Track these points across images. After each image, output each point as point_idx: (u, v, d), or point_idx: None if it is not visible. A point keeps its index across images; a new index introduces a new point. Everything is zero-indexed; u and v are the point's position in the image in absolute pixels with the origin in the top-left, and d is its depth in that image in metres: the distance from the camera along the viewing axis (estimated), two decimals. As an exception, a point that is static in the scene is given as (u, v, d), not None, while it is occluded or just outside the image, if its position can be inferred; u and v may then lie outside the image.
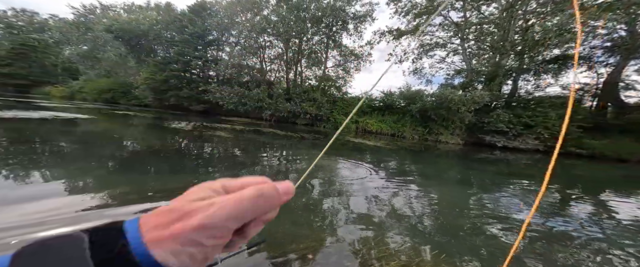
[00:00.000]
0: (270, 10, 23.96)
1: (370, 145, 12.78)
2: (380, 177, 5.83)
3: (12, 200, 2.80)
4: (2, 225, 2.19)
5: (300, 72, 25.36)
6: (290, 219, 3.08)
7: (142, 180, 4.02)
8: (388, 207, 3.89)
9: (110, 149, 6.05)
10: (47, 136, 6.87)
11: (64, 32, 35.20)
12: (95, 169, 4.35)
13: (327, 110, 21.57)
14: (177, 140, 8.16)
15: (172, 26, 26.63)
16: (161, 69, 26.15)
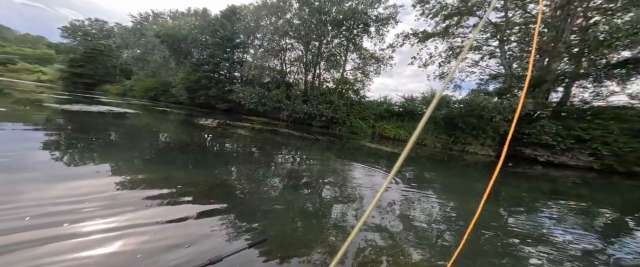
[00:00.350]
0: (293, 13, 23.68)
1: (387, 151, 11.69)
2: (396, 185, 5.28)
3: (63, 177, 3.25)
4: (51, 198, 2.57)
5: (318, 74, 24.64)
6: (297, 221, 2.95)
7: (170, 171, 4.17)
8: (403, 218, 3.51)
9: (148, 142, 6.51)
10: (102, 127, 7.63)
11: (124, 38, 39.66)
12: (134, 158, 4.72)
13: (343, 113, 20.47)
14: (203, 136, 8.47)
15: (206, 30, 28.14)
16: (195, 70, 27.75)
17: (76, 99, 15.99)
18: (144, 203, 2.79)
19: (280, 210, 3.15)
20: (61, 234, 2.04)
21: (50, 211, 2.35)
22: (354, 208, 3.62)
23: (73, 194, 2.79)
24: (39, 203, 2.47)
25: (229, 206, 3.03)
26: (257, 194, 3.58)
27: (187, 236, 2.23)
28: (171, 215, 2.58)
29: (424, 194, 4.83)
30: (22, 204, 2.40)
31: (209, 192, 3.37)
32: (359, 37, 22.57)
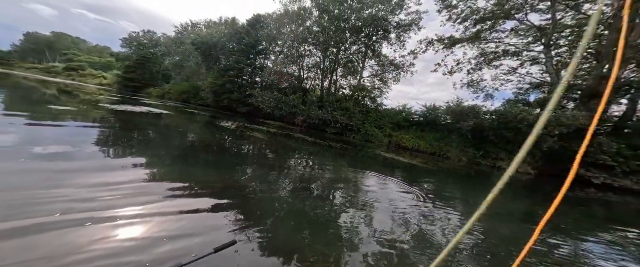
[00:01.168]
0: (312, 21, 22.16)
1: (404, 162, 10.22)
2: (412, 198, 4.64)
3: (105, 168, 3.47)
4: (93, 185, 2.74)
5: (335, 81, 22.76)
6: (303, 230, 2.67)
7: (192, 169, 4.16)
8: (418, 235, 3.03)
9: (177, 140, 6.63)
10: (142, 125, 8.11)
11: (167, 47, 42.11)
12: (164, 156, 4.81)
13: (358, 121, 18.55)
14: (223, 137, 8.46)
15: (234, 38, 28.04)
16: (222, 75, 27.78)
17: (125, 101, 16.91)
18: (166, 196, 2.83)
19: (286, 216, 2.89)
20: (97, 216, 2.17)
21: (91, 196, 2.51)
22: (365, 220, 3.21)
23: (111, 182, 2.96)
24: (83, 188, 2.69)
25: (238, 207, 2.89)
26: (267, 198, 3.34)
27: (197, 229, 2.26)
28: (188, 207, 2.60)
29: (449, 212, 4.13)
30: (70, 190, 2.58)
31: (223, 191, 3.28)
32: (379, 43, 20.45)
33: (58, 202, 2.28)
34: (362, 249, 2.39)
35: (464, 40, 16.87)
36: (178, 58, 38.03)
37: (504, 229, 3.60)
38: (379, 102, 19.70)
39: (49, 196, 2.34)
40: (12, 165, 2.94)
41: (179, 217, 2.39)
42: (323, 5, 20.31)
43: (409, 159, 11.52)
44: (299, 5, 23.43)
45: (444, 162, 13.05)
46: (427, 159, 12.94)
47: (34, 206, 2.13)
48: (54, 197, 2.35)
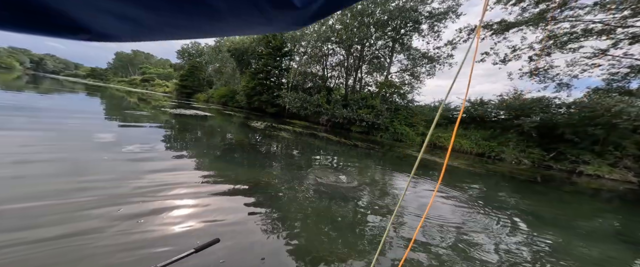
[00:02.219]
0: (335, 19, 19.70)
1: (441, 163, 8.47)
2: (452, 203, 3.72)
3: (162, 162, 3.69)
4: (153, 178, 2.95)
5: (359, 78, 19.70)
6: (316, 228, 2.34)
7: (227, 166, 4.05)
8: (458, 244, 2.39)
9: (215, 140, 6.72)
10: (191, 126, 8.53)
11: (209, 55, 44.84)
12: (204, 154, 4.83)
13: (386, 118, 15.79)
14: (253, 136, 8.44)
15: (261, 42, 27.17)
16: (252, 78, 27.27)
17: (180, 105, 18.01)
18: (205, 190, 2.80)
19: (309, 216, 2.57)
20: (156, 205, 2.31)
21: (152, 188, 2.66)
22: (388, 222, 2.66)
23: (169, 172, 3.21)
24: (152, 174, 3.04)
25: (263, 205, 2.67)
26: (290, 197, 3.04)
27: (226, 220, 2.22)
28: (222, 204, 2.53)
29: (503, 220, 3.24)
30: (141, 180, 2.82)
31: (252, 189, 3.10)
32: (408, 36, 16.99)
33: (142, 183, 2.73)
34: (389, 255, 2.04)
35: (520, 23, 12.42)
36: (217, 64, 39.57)
37: (587, 249, 2.69)
38: (410, 98, 16.49)
39: (136, 178, 2.85)
40: (115, 156, 3.62)
41: (212, 207, 2.40)
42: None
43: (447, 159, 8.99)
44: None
45: (496, 164, 9.79)
46: (472, 161, 9.87)
47: (127, 186, 2.58)
48: (124, 186, 2.64)
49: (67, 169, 2.78)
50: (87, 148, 3.72)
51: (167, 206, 2.31)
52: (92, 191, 2.36)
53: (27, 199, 2.06)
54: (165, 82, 59.92)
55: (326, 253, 1.93)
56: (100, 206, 2.11)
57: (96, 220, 1.91)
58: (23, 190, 2.20)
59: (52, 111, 6.72)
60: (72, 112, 7.16)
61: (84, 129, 5.09)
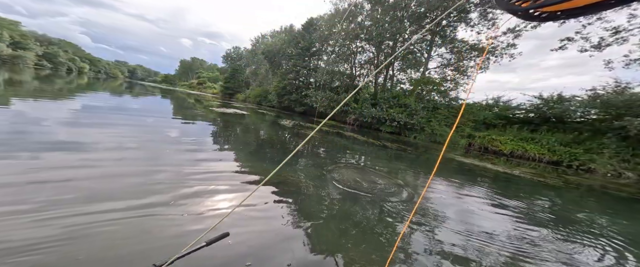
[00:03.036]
0: (364, 15, 17.27)
1: (494, 170, 6.64)
2: (511, 216, 2.94)
3: (205, 155, 3.89)
4: (200, 168, 3.12)
5: (391, 75, 17.21)
6: (338, 230, 2.11)
7: (258, 162, 4.06)
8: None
9: (250, 137, 6.84)
10: (231, 124, 8.83)
11: (247, 58, 47.15)
12: (240, 149, 4.97)
13: (421, 118, 13.41)
14: (282, 134, 8.35)
15: (291, 43, 26.26)
16: (283, 79, 26.60)
17: (223, 105, 18.65)
18: (236, 184, 2.82)
19: (332, 217, 2.33)
20: (197, 190, 2.41)
21: (199, 174, 2.90)
22: (421, 232, 2.26)
23: (211, 165, 3.31)
24: (195, 165, 3.19)
25: (287, 203, 2.53)
26: (312, 195, 2.82)
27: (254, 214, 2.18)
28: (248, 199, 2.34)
29: (601, 250, 2.21)
30: (192, 167, 3.10)
31: (278, 185, 2.96)
32: (452, 27, 14.01)
33: (192, 169, 3.03)
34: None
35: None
36: (254, 67, 41.11)
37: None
38: (453, 95, 13.69)
39: (189, 165, 3.16)
40: (177, 146, 4.05)
41: (238, 196, 2.45)
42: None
43: (503, 166, 7.44)
44: (350, 2, 19.29)
45: (580, 175, 7.24)
46: (541, 170, 7.40)
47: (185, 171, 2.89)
48: (190, 167, 3.09)
49: (145, 156, 3.26)
50: (159, 140, 4.33)
51: (207, 190, 2.46)
52: (161, 174, 2.72)
53: (123, 175, 2.53)
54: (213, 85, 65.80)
55: (339, 255, 1.75)
56: (166, 183, 2.45)
57: (163, 195, 2.21)
58: (119, 169, 2.68)
59: (138, 111, 7.95)
60: (151, 111, 8.38)
61: (158, 125, 5.97)
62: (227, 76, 47.21)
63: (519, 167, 7.69)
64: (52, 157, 2.66)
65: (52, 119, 4.45)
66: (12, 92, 7.66)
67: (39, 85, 11.12)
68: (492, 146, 10.31)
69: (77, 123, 4.56)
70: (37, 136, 3.31)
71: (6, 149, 2.69)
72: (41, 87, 10.69)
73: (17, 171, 2.23)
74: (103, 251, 1.42)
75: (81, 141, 3.42)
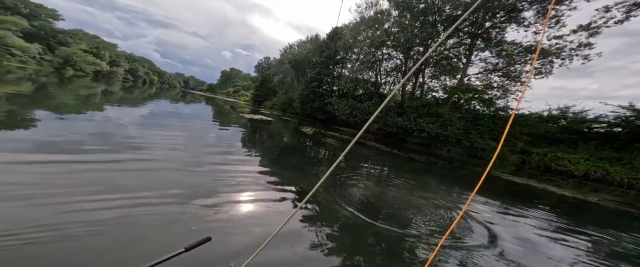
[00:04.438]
0: (391, 22, 16.13)
1: (562, 195, 5.19)
2: (586, 248, 2.37)
3: (232, 157, 4.05)
4: (225, 170, 3.28)
5: (421, 83, 15.79)
6: (354, 247, 1.89)
7: (280, 169, 4.02)
8: None
9: (272, 142, 6.87)
10: (258, 129, 9.15)
11: (275, 67, 49.75)
12: (263, 154, 5.00)
13: (457, 129, 11.57)
14: (303, 141, 8.31)
15: (316, 52, 26.18)
16: (307, 87, 27.22)
17: (252, 111, 19.11)
18: (260, 189, 2.82)
19: (340, 232, 2.11)
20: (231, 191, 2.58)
21: (229, 173, 3.19)
22: (459, 257, 1.85)
23: (239, 167, 3.54)
24: (226, 165, 3.50)
25: (307, 212, 2.42)
26: (325, 207, 2.63)
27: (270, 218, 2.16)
28: (273, 205, 2.45)
29: None
30: (224, 166, 3.43)
31: (293, 191, 2.92)
32: (498, 29, 12.05)
33: (224, 168, 3.35)
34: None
35: None
36: (281, 75, 43.09)
37: None
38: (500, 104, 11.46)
39: (221, 164, 3.52)
40: (213, 149, 4.39)
41: (264, 205, 2.41)
42: (404, 3, 14.59)
43: (573, 190, 5.96)
44: (376, 9, 18.60)
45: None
46: (632, 198, 5.54)
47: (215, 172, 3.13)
48: (223, 166, 3.45)
49: (190, 155, 3.64)
50: (200, 143, 4.76)
51: (232, 189, 2.63)
52: (201, 167, 3.18)
53: (173, 169, 2.89)
54: (246, 93, 71.40)
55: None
56: (199, 184, 2.63)
57: (201, 188, 2.47)
58: (172, 164, 3.08)
59: (187, 115, 8.83)
60: (196, 116, 9.26)
61: (201, 128, 6.57)
62: (257, 85, 50.33)
63: (598, 193, 5.96)
64: (122, 152, 3.22)
65: (127, 121, 5.37)
66: (105, 100, 9.42)
67: (123, 95, 13.30)
68: (556, 165, 8.06)
69: (144, 124, 5.49)
70: (117, 135, 4.02)
71: (93, 143, 3.34)
72: (124, 95, 12.84)
73: (99, 159, 2.78)
74: (128, 234, 1.56)
75: (143, 139, 4.04)
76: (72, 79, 20.01)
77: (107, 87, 17.09)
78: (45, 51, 35.17)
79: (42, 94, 7.79)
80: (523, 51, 11.24)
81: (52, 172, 2.24)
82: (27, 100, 5.93)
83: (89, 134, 3.73)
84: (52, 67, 34.47)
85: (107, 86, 18.74)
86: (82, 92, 10.75)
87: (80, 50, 42.33)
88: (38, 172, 2.21)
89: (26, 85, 8.98)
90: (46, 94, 7.84)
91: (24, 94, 6.74)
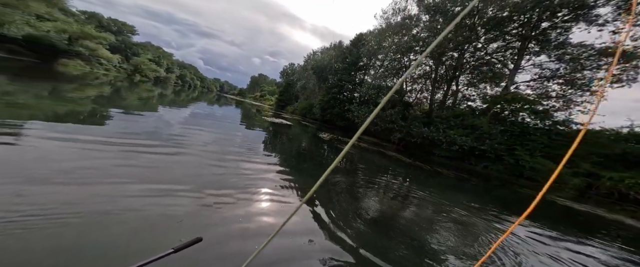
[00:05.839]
0: (420, 27, 15.10)
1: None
2: None
3: (251, 159, 4.11)
4: (242, 169, 3.41)
5: (454, 91, 14.24)
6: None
7: (295, 171, 4.17)
8: None
9: (291, 145, 7.00)
10: (278, 132, 9.39)
11: (299, 73, 51.18)
12: (281, 156, 5.08)
13: (498, 144, 9.75)
14: (319, 146, 8.30)
15: (339, 58, 25.46)
16: (327, 93, 27.14)
17: (274, 115, 19.63)
18: (269, 189, 2.85)
19: (349, 247, 1.94)
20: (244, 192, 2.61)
21: (250, 170, 3.42)
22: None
23: (258, 164, 3.79)
24: (248, 162, 3.79)
25: (318, 220, 2.36)
26: (335, 218, 2.46)
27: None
28: (279, 205, 2.47)
29: None
30: (246, 163, 3.68)
31: (308, 203, 2.69)
32: (560, 29, 10.09)
33: (247, 165, 3.59)
34: None
35: None
36: (304, 81, 44.02)
37: None
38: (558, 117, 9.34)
39: (244, 161, 3.82)
40: (236, 149, 4.59)
41: (278, 204, 2.48)
42: (435, 7, 13.50)
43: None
44: (403, 15, 17.67)
45: None
46: None
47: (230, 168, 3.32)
48: (245, 163, 3.74)
49: (219, 151, 4.02)
50: (228, 143, 5.03)
51: (251, 187, 2.76)
52: (228, 162, 3.52)
53: (197, 166, 3.11)
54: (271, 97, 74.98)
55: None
56: (230, 171, 3.14)
57: (228, 177, 2.90)
58: (204, 160, 3.37)
59: (220, 117, 9.63)
60: (226, 117, 9.92)
61: (230, 128, 7.16)
62: (281, 90, 52.30)
63: None
64: (165, 146, 3.63)
65: (174, 120, 6.17)
66: (160, 101, 10.69)
67: (173, 97, 15.02)
68: (636, 194, 6.05)
69: (186, 122, 6.22)
70: (163, 132, 4.56)
71: (144, 138, 3.77)
72: (174, 98, 14.47)
73: (143, 151, 3.10)
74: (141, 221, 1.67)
75: (182, 136, 4.46)
76: (138, 83, 23.41)
77: (162, 91, 19.56)
78: (123, 60, 42.54)
79: (116, 95, 9.39)
80: (595, 54, 9.07)
81: (94, 153, 2.69)
82: (106, 101, 7.22)
83: (142, 128, 4.40)
84: (126, 73, 41.40)
85: (163, 89, 21.42)
86: (144, 94, 12.43)
87: (147, 60, 50.16)
88: (92, 154, 2.65)
89: (106, 89, 10.86)
90: (119, 96, 9.41)
91: (104, 95, 8.34)
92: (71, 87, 8.67)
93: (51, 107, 4.61)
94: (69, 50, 26.68)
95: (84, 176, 2.09)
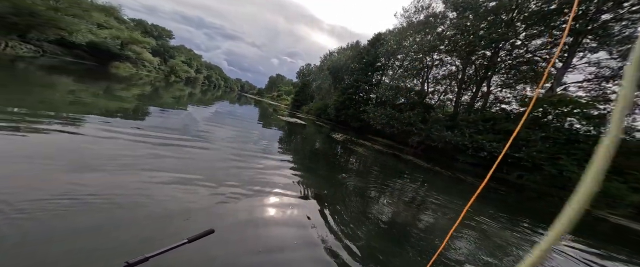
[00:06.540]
0: (446, 25, 14.00)
1: None
2: None
3: (266, 157, 4.20)
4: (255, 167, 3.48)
5: (485, 92, 12.77)
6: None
7: (308, 169, 4.22)
8: None
9: (304, 145, 7.10)
10: (293, 131, 9.55)
11: (315, 74, 51.28)
12: (295, 155, 5.17)
13: (538, 152, 8.38)
14: (331, 146, 8.20)
15: (355, 58, 23.75)
16: (342, 93, 26.46)
17: (290, 115, 19.86)
18: (290, 189, 2.92)
19: (355, 254, 1.88)
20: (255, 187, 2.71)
21: (263, 165, 3.61)
22: None
23: (271, 163, 3.88)
24: (263, 158, 4.01)
25: (326, 220, 2.35)
26: (342, 221, 2.40)
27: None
28: (296, 205, 2.50)
29: None
30: (262, 160, 3.90)
31: (313, 197, 2.91)
32: (627, 21, 8.36)
33: (264, 162, 3.81)
34: None
35: None
36: (319, 81, 44.04)
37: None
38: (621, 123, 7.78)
39: (260, 158, 4.00)
40: (252, 146, 4.80)
41: (275, 204, 2.48)
42: (464, 3, 12.32)
43: None
44: (427, 13, 16.49)
45: None
46: None
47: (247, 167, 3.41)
48: (260, 159, 3.93)
49: (238, 147, 4.30)
50: (245, 140, 5.30)
51: (263, 183, 2.88)
52: (244, 158, 3.76)
53: (215, 159, 3.38)
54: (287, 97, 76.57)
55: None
56: (245, 165, 3.38)
57: (243, 172, 3.10)
58: (224, 154, 3.67)
59: (240, 115, 10.15)
60: (245, 116, 10.30)
61: (248, 126, 7.39)
62: (297, 90, 53.03)
63: None
64: (192, 140, 3.94)
65: (200, 117, 6.66)
66: (190, 100, 11.41)
67: (201, 96, 16.02)
68: None
69: (210, 119, 6.68)
70: (191, 128, 4.94)
71: (174, 133, 4.13)
72: (201, 97, 15.40)
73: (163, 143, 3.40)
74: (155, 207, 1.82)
75: (206, 132, 4.84)
76: (172, 83, 25.78)
77: (192, 90, 21.29)
78: (162, 62, 47.52)
79: (155, 94, 10.38)
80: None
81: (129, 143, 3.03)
82: (146, 99, 8.03)
83: (173, 124, 4.85)
84: (164, 74, 46.19)
85: (192, 89, 23.30)
86: (177, 93, 13.55)
87: (181, 61, 55.28)
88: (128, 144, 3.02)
89: (147, 88, 12.01)
90: (157, 94, 10.41)
91: (145, 94, 9.29)
92: (120, 87, 9.70)
93: (104, 104, 5.27)
94: (121, 54, 30.46)
95: (123, 164, 2.38)
